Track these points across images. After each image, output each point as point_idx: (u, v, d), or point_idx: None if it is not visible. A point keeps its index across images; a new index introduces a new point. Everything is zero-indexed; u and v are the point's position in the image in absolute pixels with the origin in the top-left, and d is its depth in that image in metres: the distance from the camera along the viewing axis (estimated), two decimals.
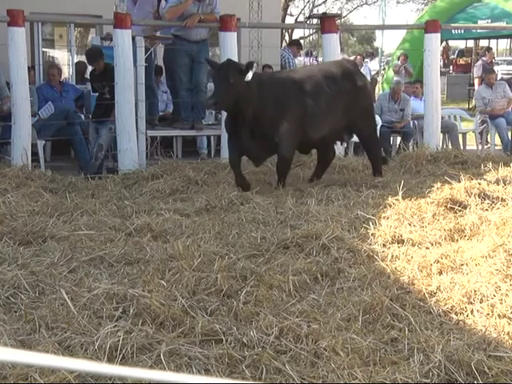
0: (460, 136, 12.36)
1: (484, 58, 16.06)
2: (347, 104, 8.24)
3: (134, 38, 9.61)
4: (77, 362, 1.65)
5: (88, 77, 13.77)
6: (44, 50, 14.71)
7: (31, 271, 4.99)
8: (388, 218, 6.46)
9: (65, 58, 15.39)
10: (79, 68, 13.55)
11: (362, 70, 20.55)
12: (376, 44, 22.11)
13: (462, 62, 31.13)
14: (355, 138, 11.30)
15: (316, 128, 8.06)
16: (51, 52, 16.25)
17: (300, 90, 7.98)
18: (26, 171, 8.42)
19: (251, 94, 7.59)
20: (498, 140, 12.46)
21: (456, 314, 4.44)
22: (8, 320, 4.23)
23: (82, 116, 11.05)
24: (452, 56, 33.00)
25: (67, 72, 14.04)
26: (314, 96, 8.03)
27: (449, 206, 6.87)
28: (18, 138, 9.07)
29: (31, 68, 11.45)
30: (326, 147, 8.60)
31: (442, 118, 11.36)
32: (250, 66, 7.53)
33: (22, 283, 4.73)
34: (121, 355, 3.75)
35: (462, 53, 32.01)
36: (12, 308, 4.45)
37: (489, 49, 17.33)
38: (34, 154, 9.47)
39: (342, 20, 30.96)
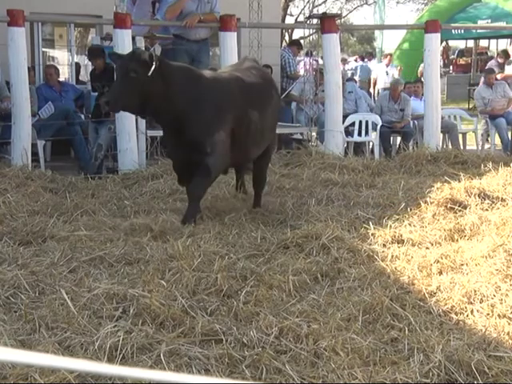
0: (460, 136, 12.36)
1: (500, 60, 16.06)
2: (272, 119, 7.12)
3: (133, 38, 9.61)
4: (77, 362, 1.65)
5: (82, 79, 13.81)
6: (44, 50, 14.69)
7: (31, 271, 4.99)
8: (388, 218, 6.47)
9: (65, 58, 15.38)
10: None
11: (389, 70, 19.41)
12: (376, 44, 22.02)
13: (462, 62, 31.12)
14: (355, 138, 11.36)
15: (259, 146, 6.92)
16: (51, 52, 16.23)
17: (245, 99, 6.66)
18: (26, 171, 8.42)
19: (172, 93, 6.19)
20: (497, 140, 12.46)
21: (456, 313, 4.44)
22: (8, 320, 4.23)
23: (82, 116, 11.04)
24: (452, 56, 32.99)
25: (67, 72, 14.03)
26: (259, 108, 6.78)
27: (449, 206, 6.87)
28: (18, 137, 9.07)
29: (31, 68, 11.44)
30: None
31: (442, 118, 11.36)
32: (151, 58, 6.06)
33: (22, 283, 4.72)
34: (121, 355, 3.75)
35: (462, 53, 32.00)
36: (12, 308, 4.45)
37: (506, 53, 17.14)
38: (34, 153, 9.47)
39: (342, 20, 30.94)
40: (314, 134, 11.48)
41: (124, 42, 9.26)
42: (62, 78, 12.14)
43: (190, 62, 10.15)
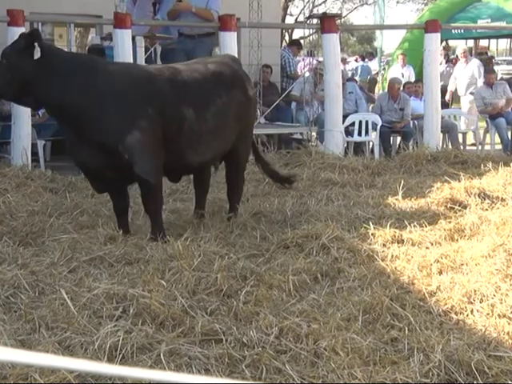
0: (460, 136, 12.37)
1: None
2: (235, 120, 6.34)
3: (133, 38, 9.60)
4: (77, 361, 1.65)
5: None
6: None
7: (31, 271, 4.98)
8: (388, 218, 6.47)
9: None
10: None
11: (404, 71, 18.12)
12: (376, 44, 21.98)
13: None
14: (355, 138, 11.36)
15: (197, 150, 6.05)
16: None
17: (176, 95, 5.92)
18: (25, 171, 8.43)
19: (58, 82, 5.60)
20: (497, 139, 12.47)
21: (456, 313, 4.44)
22: (8, 320, 4.23)
23: None
24: (452, 56, 32.97)
25: None
26: (197, 106, 6.01)
27: (449, 205, 6.89)
28: (18, 137, 9.08)
29: None
30: (202, 172, 6.71)
31: (442, 117, 11.36)
32: (31, 37, 5.66)
33: (22, 283, 4.72)
34: (121, 355, 3.75)
35: None
36: (12, 308, 4.45)
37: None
38: (34, 153, 9.47)
39: (342, 20, 30.93)
40: (313, 133, 11.48)
41: (124, 42, 9.27)
42: None
43: (185, 59, 10.10)
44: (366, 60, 24.63)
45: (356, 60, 26.09)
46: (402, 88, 12.21)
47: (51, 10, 12.10)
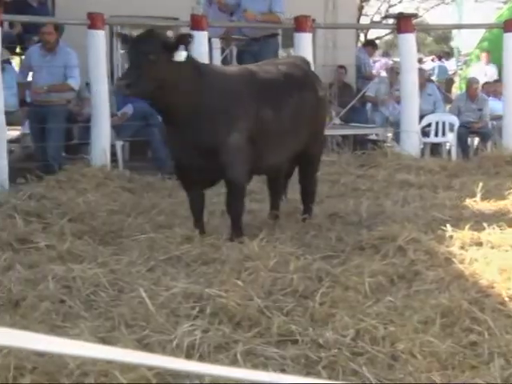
0: None
1: None
2: (307, 121, 6.35)
3: (210, 40, 9.68)
4: (158, 358, 1.68)
5: None
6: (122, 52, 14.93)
7: (110, 270, 5.08)
8: (466, 220, 6.36)
9: None
10: None
11: (488, 70, 16.77)
12: (452, 43, 21.56)
13: None
14: (431, 139, 11.20)
15: (274, 151, 6.13)
16: None
17: (257, 96, 5.99)
18: (105, 171, 8.59)
19: (186, 84, 5.64)
20: None
21: None
22: (89, 317, 4.33)
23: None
24: None
25: None
26: (275, 107, 6.06)
27: None
28: (98, 138, 9.26)
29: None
30: (277, 173, 6.70)
31: None
32: (182, 39, 5.60)
33: (102, 281, 4.81)
34: (198, 354, 3.79)
35: None
36: (92, 305, 4.55)
37: None
38: (113, 154, 9.64)
39: (418, 19, 30.55)
40: (389, 134, 11.39)
41: (200, 44, 9.35)
42: None
43: (253, 62, 10.08)
44: (443, 60, 24.23)
45: (432, 60, 25.70)
46: (480, 88, 11.99)
47: (130, 12, 12.30)
